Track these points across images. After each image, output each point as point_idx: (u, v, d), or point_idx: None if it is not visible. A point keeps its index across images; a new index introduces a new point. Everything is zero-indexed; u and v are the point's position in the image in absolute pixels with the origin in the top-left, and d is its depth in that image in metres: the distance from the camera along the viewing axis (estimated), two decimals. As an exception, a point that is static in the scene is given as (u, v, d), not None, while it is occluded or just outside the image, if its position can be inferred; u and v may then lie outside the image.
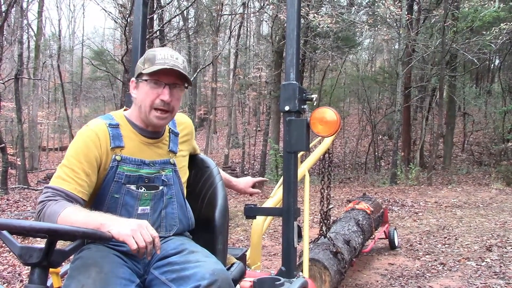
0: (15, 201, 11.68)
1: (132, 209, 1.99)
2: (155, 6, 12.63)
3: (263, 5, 17.44)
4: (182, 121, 2.28)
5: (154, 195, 2.04)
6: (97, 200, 1.99)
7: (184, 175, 2.22)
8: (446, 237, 7.04)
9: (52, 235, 1.49)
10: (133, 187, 2.00)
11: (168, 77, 1.97)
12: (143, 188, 2.02)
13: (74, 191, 1.85)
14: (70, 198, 1.83)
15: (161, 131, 2.11)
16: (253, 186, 2.81)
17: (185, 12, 18.54)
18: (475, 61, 17.78)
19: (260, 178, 2.90)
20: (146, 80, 1.98)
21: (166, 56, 1.98)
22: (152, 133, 2.08)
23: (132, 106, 2.10)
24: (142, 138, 2.05)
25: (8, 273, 5.67)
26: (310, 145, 2.95)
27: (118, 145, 1.99)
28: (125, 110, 2.15)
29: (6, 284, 5.21)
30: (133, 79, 2.07)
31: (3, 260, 6.26)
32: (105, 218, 1.70)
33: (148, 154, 2.05)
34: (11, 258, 6.19)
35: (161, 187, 2.06)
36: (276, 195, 3.50)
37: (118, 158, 1.97)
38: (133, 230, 1.64)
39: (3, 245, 6.56)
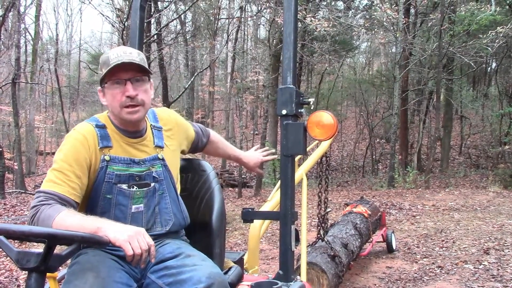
0: (12, 206, 11.65)
1: (125, 209, 1.99)
2: (152, 10, 12.64)
3: (260, 9, 17.45)
4: (163, 115, 2.27)
5: (146, 193, 2.04)
6: (90, 202, 1.99)
7: (175, 169, 2.21)
8: (443, 240, 7.04)
9: (52, 240, 1.49)
10: (124, 186, 1.99)
11: (126, 73, 1.97)
12: (135, 187, 2.02)
13: (66, 193, 1.84)
14: (63, 201, 1.82)
15: (142, 130, 2.11)
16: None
17: (182, 16, 18.53)
18: (472, 64, 17.84)
19: (269, 158, 2.82)
20: (108, 82, 1.98)
21: (119, 53, 1.97)
22: (133, 133, 2.08)
23: (109, 112, 2.11)
24: (126, 139, 2.06)
25: (5, 278, 5.65)
26: (308, 149, 2.95)
27: (106, 145, 2.00)
28: (108, 112, 2.15)
29: (3, 289, 5.20)
30: (99, 88, 2.07)
31: (0, 265, 6.24)
32: (101, 222, 1.70)
33: (135, 153, 2.05)
34: (8, 263, 6.16)
35: (152, 184, 2.06)
36: (274, 198, 3.50)
37: (107, 158, 1.98)
38: (130, 236, 1.64)
39: (2, 250, 6.52)
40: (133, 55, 1.98)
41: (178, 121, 2.32)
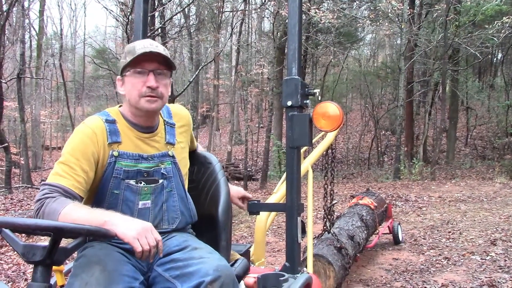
0: (19, 200, 11.70)
1: (132, 204, 1.99)
2: (156, 4, 12.61)
3: (265, 1, 17.40)
4: (178, 112, 2.25)
5: (154, 189, 2.03)
6: (97, 196, 1.98)
7: (185, 167, 2.20)
8: (450, 232, 7.03)
9: (58, 233, 1.49)
10: (132, 182, 1.98)
11: (151, 64, 1.96)
12: (143, 183, 2.00)
13: (71, 187, 1.84)
14: (68, 194, 1.82)
15: (154, 125, 2.09)
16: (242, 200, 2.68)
17: (186, 9, 18.49)
18: (478, 55, 17.70)
19: (248, 195, 2.71)
20: (130, 71, 1.97)
21: (145, 45, 1.96)
22: (146, 128, 2.06)
23: (123, 103, 2.10)
24: (137, 133, 2.04)
25: (12, 272, 5.69)
26: (313, 141, 2.94)
27: (115, 141, 1.98)
28: (120, 106, 2.13)
29: (11, 283, 5.23)
30: (118, 77, 2.05)
31: (7, 259, 6.28)
32: (108, 215, 1.70)
33: (145, 148, 2.04)
34: (16, 257, 6.20)
35: (161, 181, 2.05)
36: (280, 190, 3.49)
37: (115, 153, 1.96)
38: (139, 233, 1.64)
39: (8, 244, 6.57)
40: (159, 48, 1.98)
41: (190, 121, 2.31)
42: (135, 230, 1.64)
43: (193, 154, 2.40)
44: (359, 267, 5.45)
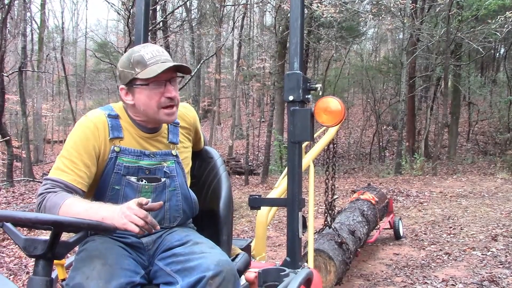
0: (20, 194, 11.74)
1: None
2: (158, -3, 12.58)
3: (266, -5, 17.36)
4: (184, 112, 2.22)
5: (155, 188, 2.01)
6: (98, 191, 1.97)
7: (187, 166, 2.18)
8: (451, 227, 7.03)
9: (58, 227, 1.49)
10: (133, 179, 1.97)
11: (166, 74, 1.91)
12: (144, 181, 1.99)
13: (73, 182, 1.83)
14: (70, 189, 1.82)
15: (158, 126, 2.07)
16: None
17: (188, 3, 18.46)
18: (480, 50, 17.63)
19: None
20: (146, 85, 1.91)
21: (154, 54, 1.92)
22: (150, 129, 2.04)
23: (128, 109, 2.04)
24: (140, 132, 2.02)
25: (14, 265, 5.70)
26: (315, 135, 2.93)
27: (117, 136, 1.96)
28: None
29: (12, 276, 5.24)
30: (122, 86, 1.98)
31: (9, 252, 6.30)
32: (105, 210, 1.68)
33: (147, 146, 2.02)
34: (17, 251, 6.22)
35: (163, 179, 2.03)
36: (281, 185, 3.50)
37: (117, 149, 1.95)
38: (127, 216, 1.62)
39: (10, 237, 6.58)
40: (165, 54, 1.95)
41: (196, 119, 2.28)
42: (122, 215, 1.62)
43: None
44: (360, 262, 5.46)
